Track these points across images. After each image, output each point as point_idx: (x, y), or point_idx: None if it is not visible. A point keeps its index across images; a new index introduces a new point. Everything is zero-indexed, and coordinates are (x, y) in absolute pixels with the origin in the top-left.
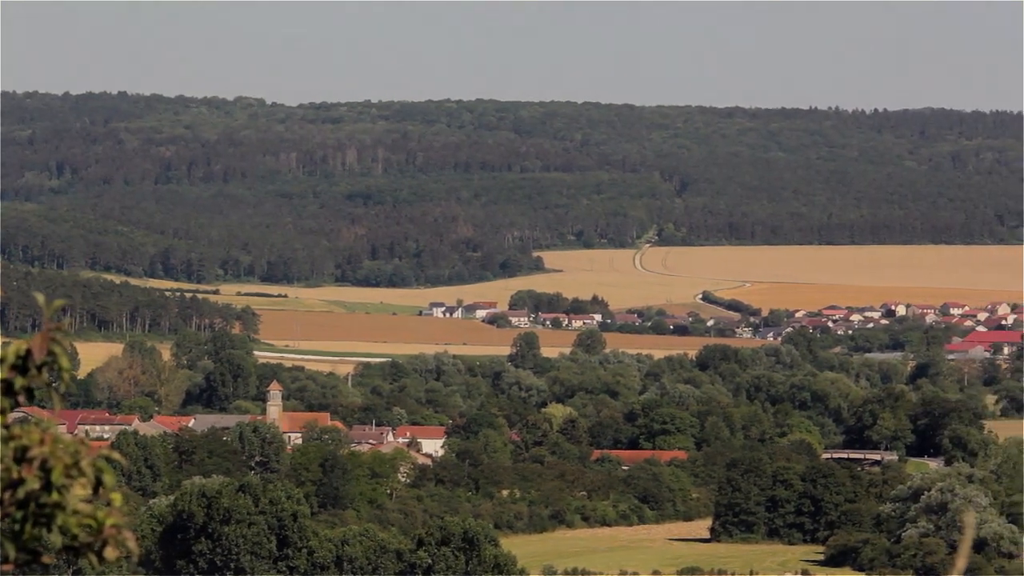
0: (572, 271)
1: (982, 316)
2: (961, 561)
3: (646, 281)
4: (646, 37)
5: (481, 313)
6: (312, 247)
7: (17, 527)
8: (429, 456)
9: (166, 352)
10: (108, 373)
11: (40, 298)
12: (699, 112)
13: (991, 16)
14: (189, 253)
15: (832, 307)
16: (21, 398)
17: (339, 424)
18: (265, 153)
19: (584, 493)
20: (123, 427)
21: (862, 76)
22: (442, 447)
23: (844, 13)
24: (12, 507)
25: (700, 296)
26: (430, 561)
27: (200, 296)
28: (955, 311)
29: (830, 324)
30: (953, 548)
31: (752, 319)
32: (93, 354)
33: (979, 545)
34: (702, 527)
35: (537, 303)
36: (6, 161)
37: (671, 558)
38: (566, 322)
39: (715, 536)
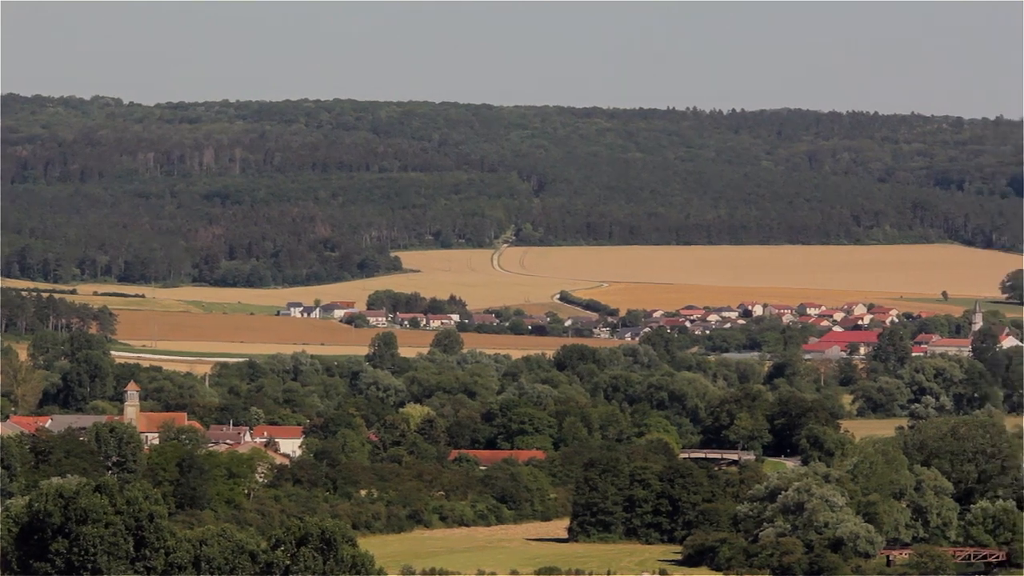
0: (430, 271)
1: (838, 316)
2: None
3: (504, 281)
4: (504, 36)
5: (339, 313)
6: (169, 247)
7: None
8: (287, 456)
9: (23, 352)
10: None
11: None
12: (557, 112)
13: (844, 16)
14: (46, 253)
15: (689, 307)
16: None
17: (196, 424)
18: (122, 153)
19: (442, 493)
20: None
21: (720, 76)
22: (300, 447)
23: (700, 13)
24: None
25: (558, 296)
26: (288, 561)
27: (57, 296)
28: (812, 311)
29: (687, 324)
30: (810, 548)
31: (610, 319)
32: None
33: (836, 544)
34: (560, 527)
35: (395, 303)
36: None
37: (529, 558)
38: (424, 322)
39: (573, 536)
